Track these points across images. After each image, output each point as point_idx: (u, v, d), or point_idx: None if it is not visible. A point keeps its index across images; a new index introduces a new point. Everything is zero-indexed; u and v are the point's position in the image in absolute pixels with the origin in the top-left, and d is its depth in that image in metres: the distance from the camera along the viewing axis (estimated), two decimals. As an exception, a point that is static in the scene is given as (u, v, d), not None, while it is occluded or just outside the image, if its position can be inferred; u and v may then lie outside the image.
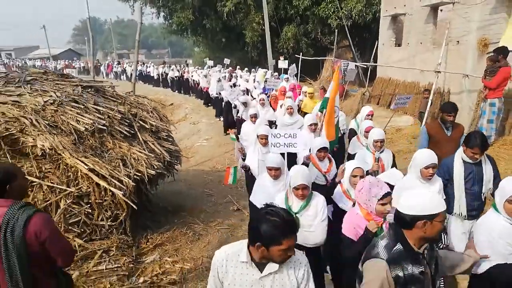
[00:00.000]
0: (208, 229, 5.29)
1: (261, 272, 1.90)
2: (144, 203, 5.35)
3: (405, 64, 11.66)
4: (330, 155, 4.44)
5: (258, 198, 3.79)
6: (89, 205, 4.28)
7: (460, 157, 3.61)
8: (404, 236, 2.02)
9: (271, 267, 1.89)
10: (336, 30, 17.77)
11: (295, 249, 1.90)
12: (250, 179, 4.79)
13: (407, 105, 6.38)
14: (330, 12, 19.59)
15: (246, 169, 4.80)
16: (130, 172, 4.44)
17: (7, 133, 4.25)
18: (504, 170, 5.68)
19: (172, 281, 4.03)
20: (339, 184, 3.58)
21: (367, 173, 3.95)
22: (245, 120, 7.56)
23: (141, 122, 5.10)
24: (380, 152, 4.34)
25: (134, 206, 4.29)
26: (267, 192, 3.68)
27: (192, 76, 21.50)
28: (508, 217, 2.58)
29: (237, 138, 6.72)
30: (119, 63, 30.68)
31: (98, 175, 4.19)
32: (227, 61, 22.59)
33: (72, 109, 4.56)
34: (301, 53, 17.69)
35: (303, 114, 8.19)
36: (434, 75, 9.01)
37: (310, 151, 4.58)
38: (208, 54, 32.57)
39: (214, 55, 30.72)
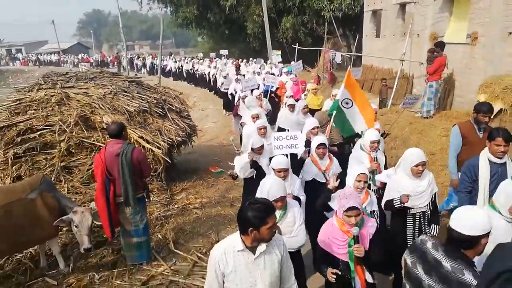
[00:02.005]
0: (217, 181, 7.42)
1: (254, 254, 2.31)
2: (173, 163, 7.48)
3: (382, 53, 13.57)
4: (331, 154, 4.45)
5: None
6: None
7: (486, 157, 3.60)
8: (468, 256, 2.04)
9: (261, 248, 2.31)
10: (326, 22, 19.47)
11: (277, 226, 2.37)
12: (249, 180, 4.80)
13: (415, 106, 6.79)
14: (323, 5, 21.39)
15: (234, 177, 4.89)
16: (164, 139, 6.57)
17: (82, 114, 6.41)
18: (437, 136, 7.70)
19: (195, 207, 6.19)
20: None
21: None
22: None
23: (169, 105, 7.23)
24: (376, 153, 4.41)
25: (168, 161, 6.44)
26: None
27: (198, 68, 23.17)
28: (509, 216, 2.71)
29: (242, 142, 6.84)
30: (138, 57, 32.55)
31: (144, 140, 6.32)
32: (224, 52, 23.98)
33: (123, 97, 6.70)
34: (297, 43, 19.51)
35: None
36: (399, 63, 10.99)
37: (309, 152, 4.50)
38: (212, 45, 34.47)
39: (218, 46, 32.59)
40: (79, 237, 4.31)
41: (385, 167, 4.47)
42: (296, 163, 4.47)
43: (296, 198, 3.77)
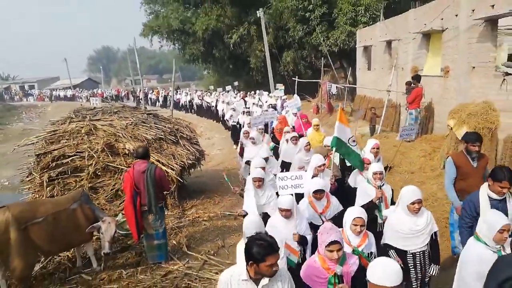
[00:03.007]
0: (223, 199, 8.41)
1: (257, 286, 2.41)
2: (184, 184, 8.52)
3: (373, 85, 14.80)
4: (330, 195, 4.42)
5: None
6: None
7: (485, 193, 3.63)
8: None
9: (263, 281, 2.40)
10: (322, 56, 20.92)
11: (281, 267, 2.44)
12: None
13: (413, 137, 6.85)
14: (321, 41, 22.97)
15: (243, 215, 4.90)
16: (177, 162, 7.65)
17: (108, 142, 7.54)
18: (416, 156, 8.71)
19: (203, 220, 7.18)
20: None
21: (371, 203, 4.25)
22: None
23: (180, 133, 8.37)
24: (382, 185, 4.41)
25: (181, 180, 7.49)
26: (278, 232, 3.67)
27: (202, 100, 24.57)
28: (496, 246, 2.79)
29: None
30: (152, 91, 34.21)
31: (160, 163, 7.39)
32: (236, 83, 25.46)
33: (142, 127, 7.86)
34: (297, 76, 20.96)
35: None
36: (387, 93, 12.17)
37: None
38: (217, 78, 36.28)
39: (223, 79, 34.36)
40: (102, 242, 5.32)
41: (392, 200, 4.44)
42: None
43: (303, 238, 3.87)
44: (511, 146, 7.20)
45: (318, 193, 4.18)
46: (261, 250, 2.31)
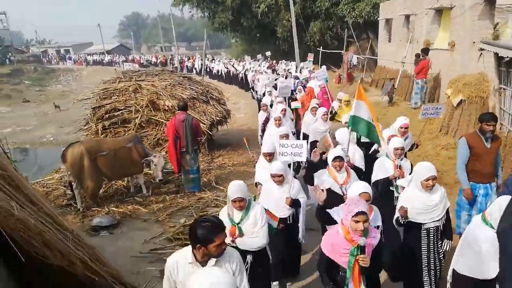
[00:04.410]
0: (245, 152, 9.83)
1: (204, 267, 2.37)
2: (212, 139, 9.98)
3: (393, 56, 15.56)
4: (349, 168, 4.35)
5: (265, 202, 4.00)
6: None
7: None
8: None
9: (211, 263, 2.40)
10: (345, 28, 21.49)
11: (229, 246, 2.44)
12: None
13: (440, 116, 6.25)
14: (346, 12, 23.43)
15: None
16: (207, 118, 9.08)
17: (151, 99, 9.04)
18: (418, 122, 9.78)
19: (228, 165, 8.66)
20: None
21: (387, 179, 4.24)
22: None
23: (210, 95, 9.76)
24: (401, 160, 4.36)
25: (210, 133, 8.95)
26: (272, 196, 3.93)
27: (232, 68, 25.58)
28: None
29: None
30: (189, 59, 35.20)
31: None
32: (268, 53, 26.02)
33: (179, 87, 9.28)
34: (321, 47, 21.71)
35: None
36: (401, 64, 13.04)
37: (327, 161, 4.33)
38: (245, 47, 37.12)
39: (250, 47, 35.19)
40: (155, 172, 6.89)
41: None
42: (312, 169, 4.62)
43: (296, 201, 4.01)
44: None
45: (338, 160, 4.07)
46: (208, 231, 2.31)
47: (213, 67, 29.06)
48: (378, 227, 3.41)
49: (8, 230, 3.00)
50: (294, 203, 4.02)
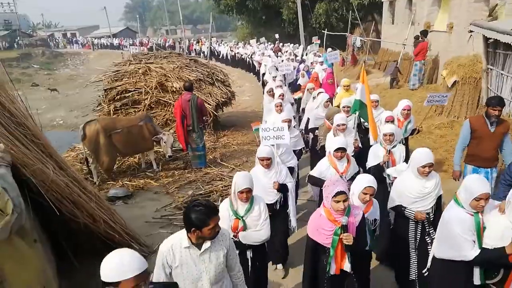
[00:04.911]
0: (249, 131, 10.33)
1: (200, 250, 2.49)
2: (218, 119, 10.48)
3: (396, 38, 15.76)
4: (349, 155, 4.35)
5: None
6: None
7: None
8: None
9: (206, 245, 2.49)
10: (350, 10, 21.54)
11: (219, 226, 2.50)
12: None
13: (445, 103, 6.16)
14: (351, -7, 23.42)
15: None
16: (213, 99, 9.56)
17: (159, 81, 9.52)
18: (415, 102, 10.15)
19: (232, 144, 9.18)
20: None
21: (380, 166, 4.30)
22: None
23: (216, 77, 10.20)
24: (393, 147, 4.38)
25: (216, 113, 9.45)
26: (259, 182, 3.85)
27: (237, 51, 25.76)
28: (472, 210, 2.76)
29: None
30: (198, 42, 35.29)
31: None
32: (277, 36, 26.05)
33: (186, 69, 9.73)
34: (325, 30, 21.74)
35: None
36: (402, 47, 13.31)
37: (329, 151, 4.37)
38: (250, 30, 37.12)
39: (256, 30, 35.20)
40: (165, 149, 7.43)
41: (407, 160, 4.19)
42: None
43: (283, 186, 4.06)
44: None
45: (340, 151, 4.10)
46: (202, 215, 2.36)
47: (220, 51, 29.18)
48: (375, 220, 3.41)
49: (44, 191, 3.56)
50: (282, 188, 4.04)
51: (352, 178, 3.84)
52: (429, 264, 3.15)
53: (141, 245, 4.73)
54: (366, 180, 3.31)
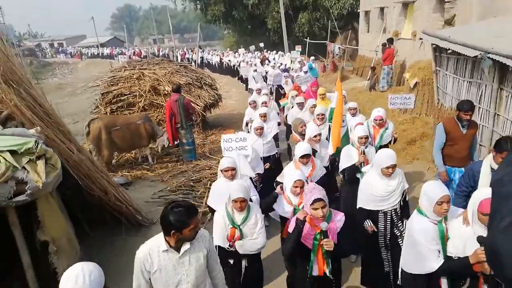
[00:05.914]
0: (236, 131, 11.32)
1: (179, 253, 2.43)
2: (206, 120, 11.45)
3: (371, 46, 17.01)
4: (314, 159, 4.42)
5: (214, 200, 3.99)
6: (185, 114, 10.46)
7: (488, 164, 3.57)
8: None
9: (185, 247, 2.44)
10: (329, 20, 22.84)
11: (199, 226, 2.47)
12: None
13: (411, 106, 6.14)
14: (332, 4, 24.79)
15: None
16: (201, 101, 10.55)
17: (152, 85, 10.47)
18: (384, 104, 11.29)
19: (219, 141, 10.12)
20: (282, 193, 3.70)
21: (354, 166, 4.36)
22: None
23: (204, 81, 11.21)
24: (365, 148, 4.49)
25: (204, 114, 10.43)
26: (222, 194, 3.66)
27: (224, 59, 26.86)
28: (435, 218, 2.74)
29: None
30: (192, 50, 36.03)
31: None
32: (261, 45, 27.18)
33: (177, 74, 10.71)
34: (308, 38, 23.05)
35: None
36: (375, 53, 14.54)
37: (292, 158, 4.43)
38: (237, 39, 38.36)
39: (242, 39, 36.42)
40: (161, 142, 8.39)
41: None
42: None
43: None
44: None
45: (305, 158, 4.18)
46: (182, 216, 2.32)
47: (211, 59, 30.17)
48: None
49: (68, 168, 4.49)
50: None
51: (320, 181, 4.10)
52: (399, 279, 3.15)
53: (143, 217, 5.66)
54: (295, 175, 3.58)
